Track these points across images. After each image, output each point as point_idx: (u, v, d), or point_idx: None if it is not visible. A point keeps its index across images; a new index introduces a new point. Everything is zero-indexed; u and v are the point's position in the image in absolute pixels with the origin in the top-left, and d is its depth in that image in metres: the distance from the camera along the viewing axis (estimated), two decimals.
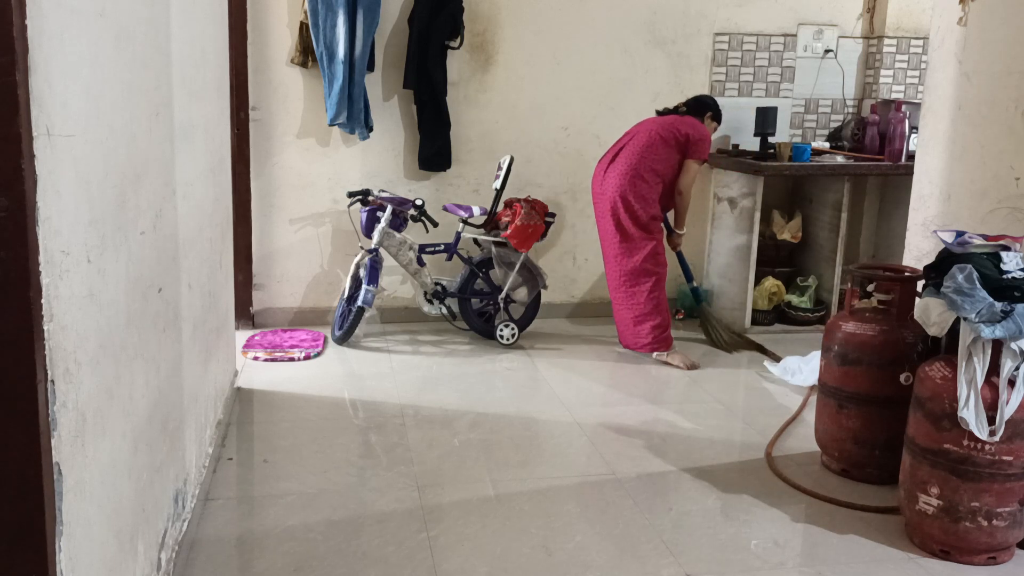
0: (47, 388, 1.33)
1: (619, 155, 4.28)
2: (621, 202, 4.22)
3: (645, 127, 4.33)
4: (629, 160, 4.22)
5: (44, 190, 1.31)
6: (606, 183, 4.28)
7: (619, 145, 4.35)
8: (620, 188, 4.21)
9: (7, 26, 1.19)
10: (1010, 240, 2.61)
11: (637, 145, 4.25)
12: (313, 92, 4.62)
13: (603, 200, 4.31)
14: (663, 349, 4.34)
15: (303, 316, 4.82)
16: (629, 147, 4.27)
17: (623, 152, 4.28)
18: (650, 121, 4.39)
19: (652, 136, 4.24)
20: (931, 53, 3.32)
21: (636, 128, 4.38)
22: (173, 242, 2.32)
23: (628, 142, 4.30)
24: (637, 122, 4.45)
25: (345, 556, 2.51)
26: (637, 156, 4.22)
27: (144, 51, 1.99)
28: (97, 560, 1.60)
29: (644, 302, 4.29)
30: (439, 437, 3.38)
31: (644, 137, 4.26)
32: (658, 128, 4.27)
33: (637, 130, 4.34)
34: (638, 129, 4.35)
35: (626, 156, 4.25)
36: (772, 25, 5.12)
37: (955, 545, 2.56)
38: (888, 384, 2.95)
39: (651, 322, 4.31)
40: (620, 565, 2.51)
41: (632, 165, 4.21)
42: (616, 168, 4.25)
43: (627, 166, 4.22)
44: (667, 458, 3.24)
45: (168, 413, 2.25)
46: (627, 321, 4.38)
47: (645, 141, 4.24)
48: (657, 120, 4.37)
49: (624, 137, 4.37)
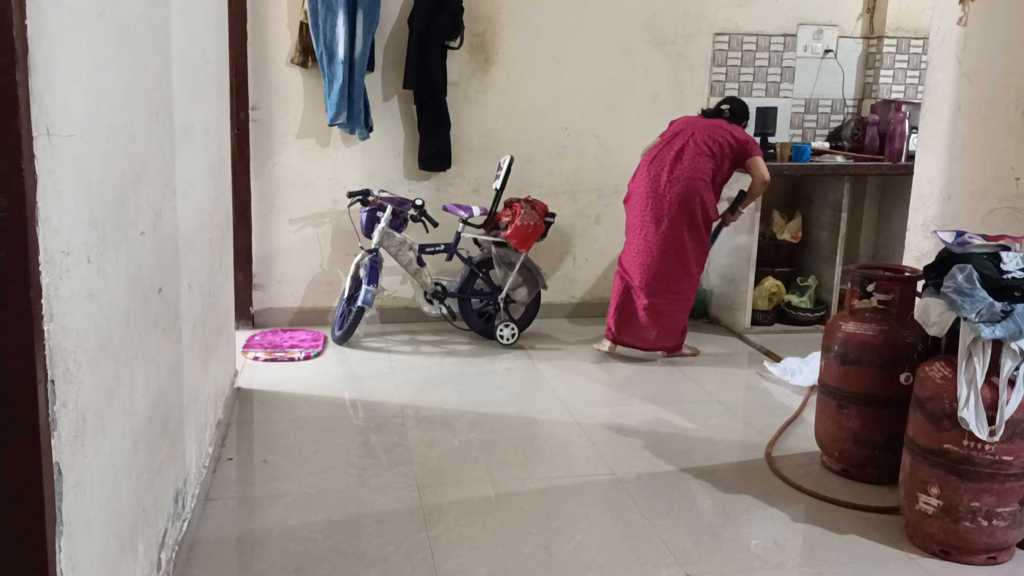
0: (47, 388, 1.33)
1: (683, 157, 4.19)
2: (693, 205, 4.16)
3: (698, 128, 4.25)
4: (695, 163, 4.17)
5: (44, 190, 1.31)
6: (672, 187, 4.16)
7: (675, 146, 4.22)
8: (696, 187, 4.15)
9: (7, 26, 1.19)
10: (1010, 240, 2.61)
11: (700, 148, 4.18)
12: (313, 92, 4.62)
13: (664, 202, 4.17)
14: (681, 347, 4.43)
15: (303, 316, 4.82)
16: (691, 149, 4.19)
17: (687, 153, 4.18)
18: (698, 122, 4.32)
19: (712, 141, 4.19)
20: (931, 53, 3.32)
21: (685, 127, 4.29)
22: (173, 242, 2.32)
23: (687, 143, 4.20)
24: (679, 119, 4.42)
25: (345, 556, 2.51)
26: (702, 159, 4.17)
27: (144, 51, 1.99)
28: (97, 560, 1.60)
29: (686, 307, 4.33)
30: (439, 437, 3.38)
31: (704, 141, 4.20)
32: (714, 133, 4.22)
33: (690, 131, 4.25)
34: (691, 130, 4.25)
35: (692, 157, 4.17)
36: (772, 25, 5.13)
37: (955, 545, 2.56)
38: (888, 384, 2.95)
39: (686, 324, 4.39)
40: (620, 565, 2.51)
41: (699, 168, 4.16)
42: (684, 168, 4.16)
43: (695, 168, 4.16)
44: (667, 458, 3.24)
45: (168, 413, 2.25)
46: (666, 324, 4.31)
47: (706, 145, 4.19)
48: (708, 124, 4.29)
49: (676, 138, 4.26)
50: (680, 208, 4.16)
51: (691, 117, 4.42)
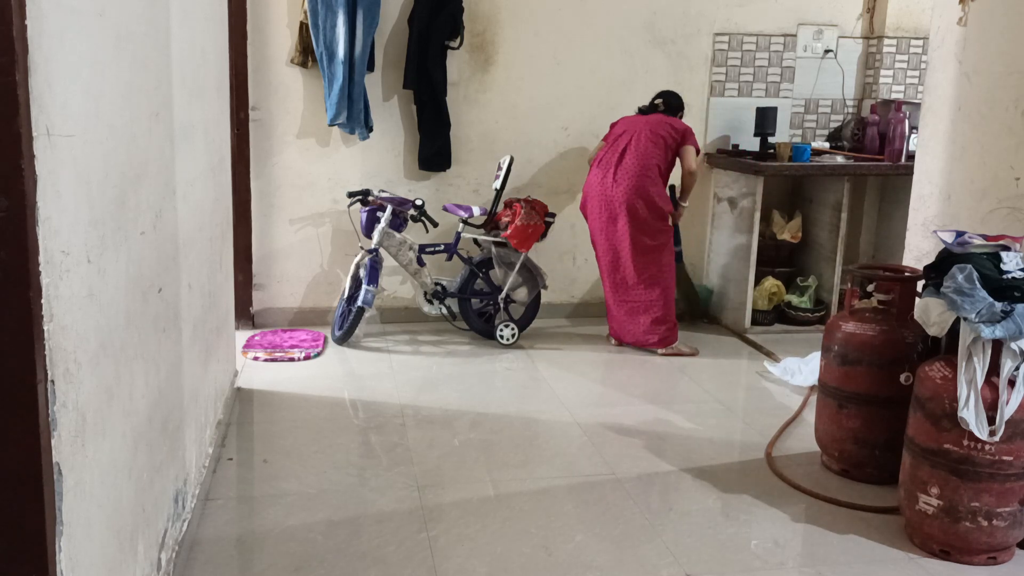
0: (47, 388, 1.33)
1: (625, 156, 4.33)
2: (642, 199, 4.29)
3: (639, 126, 4.39)
4: (640, 159, 4.30)
5: (44, 190, 1.31)
6: (618, 185, 4.31)
7: (619, 146, 4.38)
8: (639, 186, 4.28)
9: (7, 26, 1.19)
10: (1010, 240, 2.61)
11: (641, 144, 4.32)
12: (313, 92, 4.62)
13: (614, 202, 4.33)
14: (674, 341, 4.47)
15: (303, 316, 4.82)
16: (634, 147, 4.33)
17: (629, 152, 4.33)
18: (638, 120, 4.45)
19: (654, 136, 4.33)
20: (931, 53, 3.32)
21: (628, 127, 4.43)
22: (173, 242, 2.32)
23: (630, 142, 4.34)
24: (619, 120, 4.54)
25: (345, 556, 2.51)
26: (647, 155, 4.30)
27: (144, 51, 1.99)
28: (97, 560, 1.60)
29: (664, 297, 4.40)
30: (439, 437, 3.38)
31: (647, 136, 4.33)
32: (655, 127, 4.36)
33: (633, 129, 4.39)
34: (633, 129, 4.40)
35: (635, 156, 4.31)
36: (772, 25, 5.12)
37: (955, 545, 2.56)
38: (888, 384, 2.95)
39: (672, 316, 4.46)
40: (620, 565, 2.51)
41: (643, 164, 4.30)
42: (627, 168, 4.30)
43: (640, 165, 4.29)
44: (667, 458, 3.24)
45: (168, 413, 2.25)
46: (643, 319, 4.44)
47: (648, 140, 4.32)
48: (647, 120, 4.43)
49: (620, 138, 4.41)
50: (630, 203, 4.29)
51: (631, 117, 4.55)
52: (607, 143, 4.48)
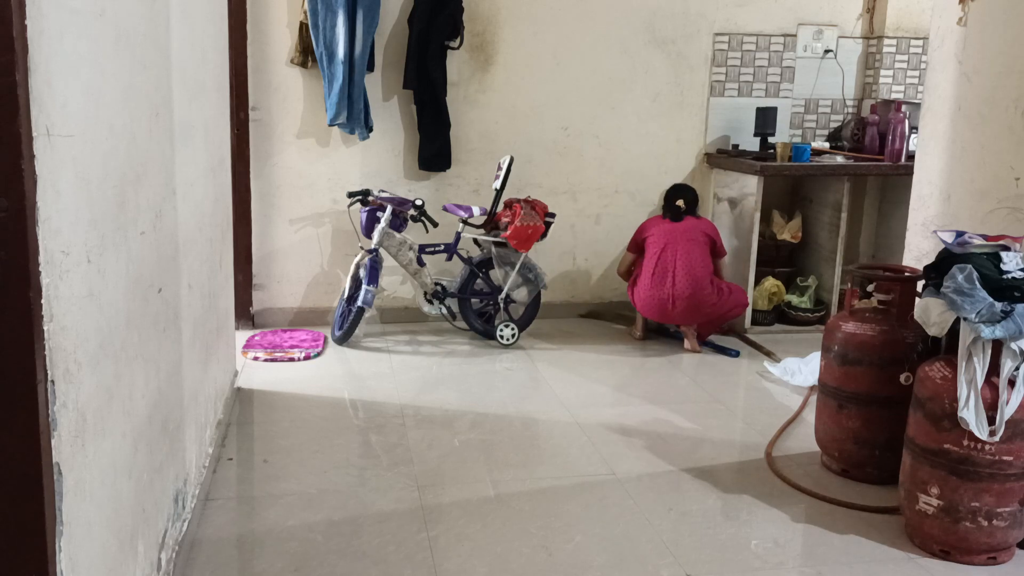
0: (47, 388, 1.33)
1: (676, 272, 4.42)
2: (706, 276, 4.46)
3: (678, 237, 4.47)
4: (690, 273, 4.41)
5: (44, 190, 1.31)
6: (676, 308, 4.43)
7: (669, 262, 4.44)
8: (697, 306, 4.43)
9: (7, 26, 1.19)
10: (1010, 240, 2.60)
11: (690, 253, 4.44)
12: (313, 92, 4.62)
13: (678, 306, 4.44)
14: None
15: (303, 316, 4.82)
16: (682, 259, 4.42)
17: (680, 267, 4.42)
18: (673, 228, 4.53)
19: (694, 241, 4.47)
20: (931, 53, 3.32)
21: (669, 242, 4.47)
22: (173, 242, 2.32)
23: (677, 256, 4.44)
24: (653, 229, 4.59)
25: (345, 556, 2.51)
26: (697, 259, 4.44)
27: (144, 51, 1.99)
28: (97, 560, 1.60)
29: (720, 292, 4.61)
30: (439, 437, 3.38)
31: (687, 244, 4.46)
32: (692, 234, 4.49)
33: (673, 243, 4.46)
34: (673, 241, 4.47)
35: (686, 271, 4.41)
36: (772, 25, 5.12)
37: (955, 545, 2.56)
38: (888, 384, 2.95)
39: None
40: (620, 565, 2.51)
41: (695, 276, 4.41)
42: (680, 286, 4.41)
43: (692, 279, 4.40)
44: (667, 458, 3.24)
45: (168, 413, 2.25)
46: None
47: (692, 243, 4.47)
48: (685, 228, 4.52)
49: (665, 252, 4.45)
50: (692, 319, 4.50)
51: (662, 225, 4.57)
52: (649, 255, 4.50)
